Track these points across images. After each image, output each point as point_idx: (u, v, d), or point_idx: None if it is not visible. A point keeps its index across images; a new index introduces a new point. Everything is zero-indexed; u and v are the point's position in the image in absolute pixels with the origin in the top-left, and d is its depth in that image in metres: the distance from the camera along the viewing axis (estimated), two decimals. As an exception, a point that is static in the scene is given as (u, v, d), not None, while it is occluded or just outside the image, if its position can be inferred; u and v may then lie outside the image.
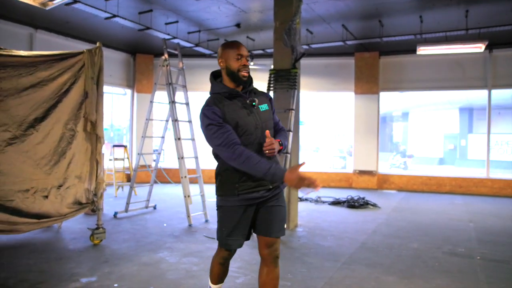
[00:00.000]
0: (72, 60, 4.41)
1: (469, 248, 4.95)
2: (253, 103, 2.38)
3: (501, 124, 19.94)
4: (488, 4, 7.16)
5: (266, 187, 2.37)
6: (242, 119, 2.32)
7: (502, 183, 9.92)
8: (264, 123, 2.40)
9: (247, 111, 2.35)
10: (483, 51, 8.58)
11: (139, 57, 11.35)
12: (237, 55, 2.33)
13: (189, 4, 7.37)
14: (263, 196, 2.38)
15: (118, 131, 16.66)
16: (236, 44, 2.38)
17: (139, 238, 5.18)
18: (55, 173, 4.22)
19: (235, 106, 2.34)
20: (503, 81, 10.01)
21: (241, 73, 2.34)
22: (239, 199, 2.36)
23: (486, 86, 10.17)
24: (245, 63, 2.34)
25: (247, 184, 2.34)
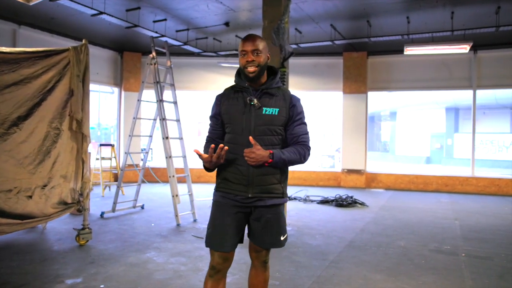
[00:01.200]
0: (57, 57, 4.31)
1: (454, 245, 5.04)
2: (252, 102, 2.19)
3: (486, 124, 20.31)
4: (472, 6, 7.29)
5: (245, 194, 2.20)
6: (234, 116, 2.23)
7: (486, 181, 10.11)
8: (258, 127, 2.18)
9: (244, 110, 2.20)
10: (468, 52, 8.76)
11: (127, 55, 11.23)
12: (242, 52, 2.20)
13: (177, 2, 7.31)
14: (242, 203, 2.21)
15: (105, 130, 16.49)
16: (244, 39, 2.23)
17: (126, 238, 5.12)
18: (39, 173, 4.12)
19: (236, 101, 2.24)
20: (488, 82, 10.21)
21: (246, 70, 2.18)
22: (220, 195, 2.28)
23: (471, 87, 10.35)
24: (249, 59, 2.16)
25: (225, 183, 2.26)
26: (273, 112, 2.20)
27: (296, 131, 2.27)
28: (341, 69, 11.01)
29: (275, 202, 2.25)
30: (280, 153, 2.17)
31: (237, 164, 2.20)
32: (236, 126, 2.21)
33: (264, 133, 2.19)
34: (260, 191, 2.20)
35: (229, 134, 2.26)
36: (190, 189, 6.46)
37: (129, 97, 11.16)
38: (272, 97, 2.23)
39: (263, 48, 2.19)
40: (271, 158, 2.14)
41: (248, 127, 2.18)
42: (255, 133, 2.16)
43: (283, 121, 2.23)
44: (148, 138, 6.96)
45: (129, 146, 6.71)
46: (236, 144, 2.20)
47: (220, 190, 2.28)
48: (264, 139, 2.18)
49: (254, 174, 2.18)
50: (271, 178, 2.21)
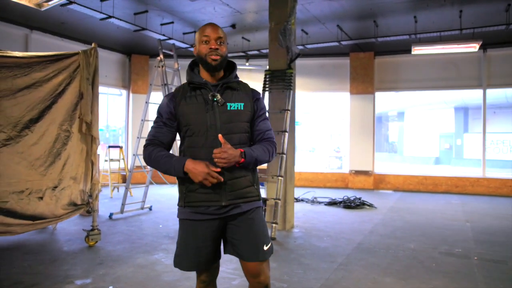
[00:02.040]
0: (67, 61, 4.39)
1: (466, 248, 4.94)
2: (215, 98, 1.96)
3: (496, 123, 20.06)
4: (481, 4, 7.20)
5: (218, 203, 1.94)
6: (194, 116, 1.96)
7: (498, 182, 9.94)
8: (225, 125, 1.95)
9: (206, 107, 1.96)
10: (477, 50, 8.65)
11: (135, 57, 11.31)
12: (203, 38, 1.97)
13: (184, 5, 7.35)
14: (216, 214, 1.96)
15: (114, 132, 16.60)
16: (205, 25, 2.01)
17: (135, 239, 5.15)
18: (50, 174, 4.21)
19: (194, 99, 1.98)
20: (498, 81, 10.05)
21: (209, 57, 1.95)
22: (187, 212, 2.00)
23: (481, 86, 10.20)
24: (213, 46, 1.94)
25: (194, 196, 1.96)
26: (238, 107, 1.99)
27: (261, 127, 2.09)
28: (348, 70, 10.97)
29: (252, 206, 2.03)
30: (250, 151, 1.96)
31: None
32: (199, 127, 1.95)
33: (231, 131, 1.96)
34: (234, 197, 1.96)
35: (190, 138, 1.98)
36: (198, 191, 6.46)
37: (137, 99, 11.24)
38: (234, 92, 2.03)
39: (225, 39, 2.01)
40: (243, 157, 1.91)
41: (213, 126, 1.94)
42: (222, 132, 1.92)
43: (249, 116, 2.04)
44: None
45: (137, 148, 6.75)
46: (200, 147, 1.95)
47: (188, 205, 1.99)
48: (233, 138, 1.95)
49: (226, 179, 1.92)
50: (244, 181, 1.99)
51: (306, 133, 19.15)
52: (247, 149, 1.95)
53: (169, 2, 7.25)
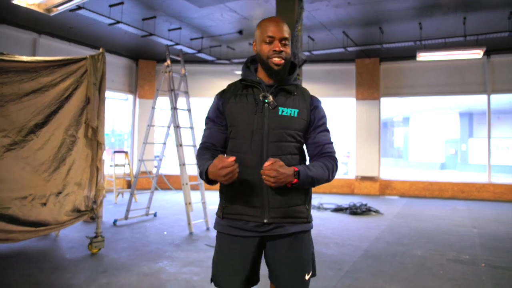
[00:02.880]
0: (75, 65, 4.39)
1: (473, 254, 4.90)
2: (266, 100, 1.74)
3: (501, 129, 19.98)
4: (484, 12, 7.22)
5: (259, 219, 1.73)
6: (240, 116, 1.76)
7: (504, 187, 9.91)
8: (274, 131, 1.73)
9: (256, 109, 1.75)
10: (482, 57, 8.65)
11: (142, 62, 11.36)
12: (267, 38, 1.74)
13: (192, 11, 7.38)
14: (256, 231, 1.75)
15: (119, 137, 16.65)
16: (268, 21, 1.77)
17: (139, 246, 5.12)
18: (54, 180, 4.17)
19: (244, 98, 1.78)
20: (502, 86, 10.07)
21: (271, 61, 1.74)
22: (224, 224, 1.81)
23: (485, 91, 10.21)
24: (277, 48, 1.72)
25: (233, 207, 1.77)
26: (291, 113, 1.76)
27: (319, 140, 1.83)
28: (354, 76, 10.97)
29: (299, 229, 1.77)
30: (306, 169, 1.68)
31: (247, 180, 1.72)
32: (245, 130, 1.75)
33: (280, 138, 1.73)
34: (279, 215, 1.73)
35: (233, 140, 1.80)
36: (203, 197, 6.46)
37: (143, 104, 11.27)
38: (289, 96, 1.79)
39: (289, 38, 1.78)
40: (296, 178, 1.65)
41: (260, 131, 1.73)
42: (269, 138, 1.72)
43: (303, 125, 1.79)
44: (162, 145, 7.00)
45: (143, 153, 6.75)
46: (244, 153, 1.74)
47: (226, 216, 1.80)
48: (281, 147, 1.73)
49: (271, 193, 1.71)
50: (293, 198, 1.75)
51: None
52: (302, 168, 1.69)
53: (177, 8, 7.28)
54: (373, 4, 7.02)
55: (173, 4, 7.02)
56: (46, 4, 5.12)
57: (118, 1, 6.91)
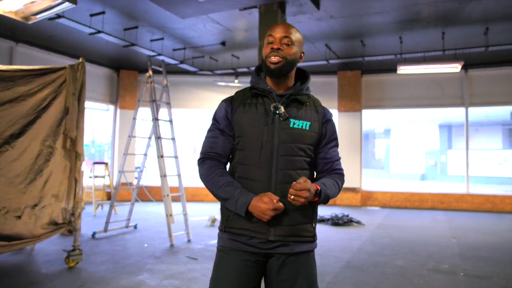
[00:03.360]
0: (53, 75, 4.30)
1: (452, 264, 4.99)
2: (277, 111, 1.65)
3: (478, 140, 20.48)
4: (462, 27, 7.47)
5: (264, 235, 1.63)
6: (250, 127, 1.66)
7: (481, 198, 10.15)
8: (284, 145, 1.64)
9: (266, 120, 1.64)
10: (460, 70, 8.91)
11: (123, 73, 11.26)
12: (269, 37, 1.67)
13: (175, 22, 7.38)
14: (259, 248, 1.64)
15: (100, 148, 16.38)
16: (275, 25, 1.71)
17: (118, 259, 5.00)
18: (30, 192, 4.04)
19: (254, 108, 1.68)
20: (479, 100, 10.37)
21: (268, 59, 1.65)
22: (226, 238, 1.70)
23: (463, 104, 10.48)
24: (275, 46, 1.64)
25: (238, 221, 1.66)
26: (303, 125, 1.67)
27: (331, 155, 1.77)
28: (336, 88, 11.11)
29: (304, 249, 1.68)
30: (325, 187, 1.64)
31: (254, 193, 1.62)
32: (254, 141, 1.65)
33: (291, 152, 1.64)
34: (286, 233, 1.64)
35: (241, 152, 1.68)
36: (185, 209, 6.38)
37: (124, 115, 11.13)
38: (301, 107, 1.71)
39: (296, 40, 1.68)
40: (317, 196, 1.60)
41: (269, 143, 1.63)
42: (279, 151, 1.63)
43: (314, 138, 1.70)
44: (143, 156, 6.91)
45: (123, 164, 6.65)
46: (253, 166, 1.65)
47: (229, 230, 1.68)
48: (292, 161, 1.65)
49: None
50: (302, 216, 1.66)
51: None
52: (322, 186, 1.64)
53: (160, 19, 7.26)
54: (355, 18, 7.16)
55: (156, 14, 7.00)
56: (24, 12, 5.01)
57: (99, 11, 6.86)
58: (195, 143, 20.11)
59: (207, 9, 6.02)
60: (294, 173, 1.64)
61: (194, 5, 5.70)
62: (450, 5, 6.48)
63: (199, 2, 5.55)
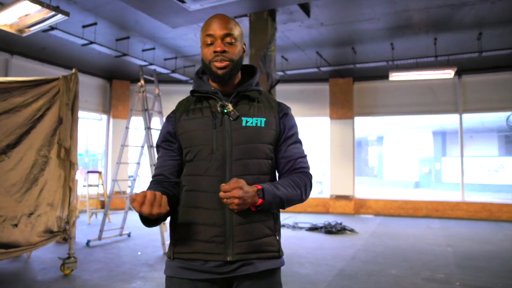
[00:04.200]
0: (47, 86, 4.37)
1: (448, 273, 4.90)
2: (225, 109, 1.45)
3: (473, 148, 20.56)
4: (455, 32, 7.50)
5: (220, 256, 1.38)
6: (196, 133, 1.45)
7: (477, 206, 10.00)
8: (238, 147, 1.42)
9: (214, 122, 1.44)
10: (453, 77, 8.86)
11: (116, 83, 11.29)
12: (207, 37, 1.44)
13: (166, 32, 7.44)
14: (217, 273, 1.39)
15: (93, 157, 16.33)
16: (209, 19, 1.48)
17: (112, 267, 5.01)
18: (26, 201, 4.09)
19: (199, 113, 1.47)
20: (473, 106, 10.28)
21: (213, 65, 1.44)
22: (175, 266, 1.43)
23: (457, 111, 10.42)
24: (218, 48, 1.42)
25: (187, 244, 1.41)
26: (257, 123, 1.45)
27: (291, 153, 1.53)
28: (328, 95, 11.18)
29: (270, 266, 1.45)
30: (272, 188, 1.39)
31: (206, 208, 1.39)
32: (203, 149, 1.42)
33: (246, 155, 1.42)
34: (246, 250, 1.39)
35: (191, 163, 1.45)
36: (179, 217, 6.38)
37: (117, 124, 11.15)
38: (253, 104, 1.50)
39: (238, 35, 1.48)
40: (260, 198, 1.35)
41: (221, 148, 1.41)
42: (232, 155, 1.41)
43: (273, 136, 1.48)
44: (136, 165, 6.93)
45: (116, 173, 6.66)
46: (201, 175, 1.42)
47: (178, 256, 1.43)
48: (248, 165, 1.42)
49: (235, 222, 1.38)
50: (261, 228, 1.42)
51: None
52: (267, 186, 1.38)
53: (151, 29, 7.34)
54: (345, 25, 7.24)
55: (147, 24, 7.07)
56: (19, 25, 5.08)
57: (91, 22, 6.92)
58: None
59: (198, 19, 6.09)
60: (250, 178, 1.39)
61: (185, 14, 5.77)
62: (441, 11, 6.52)
63: (189, 12, 5.62)
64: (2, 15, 4.94)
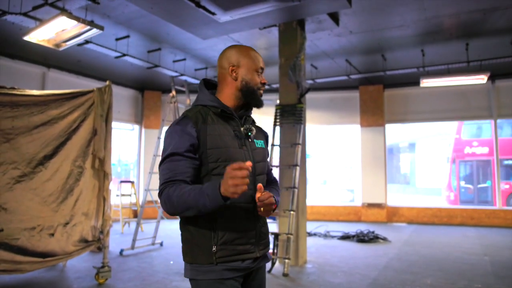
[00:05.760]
0: (82, 98, 4.52)
1: (486, 283, 4.77)
2: (249, 132, 1.67)
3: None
4: (487, 38, 7.34)
5: (253, 255, 1.63)
6: (231, 150, 1.58)
7: (514, 214, 9.71)
8: (257, 164, 1.68)
9: (238, 142, 1.63)
10: (486, 82, 8.67)
11: (147, 93, 11.57)
12: (260, 69, 1.70)
13: (196, 43, 7.59)
14: (247, 269, 1.64)
15: (126, 166, 16.74)
16: (255, 52, 1.72)
17: (145, 276, 5.08)
18: (62, 210, 4.22)
19: (224, 130, 1.61)
20: (508, 111, 10.08)
21: (259, 92, 1.71)
22: (219, 270, 1.56)
23: (491, 116, 10.22)
24: (265, 81, 1.72)
25: (230, 248, 1.57)
26: (262, 144, 1.75)
27: (269, 167, 1.86)
28: (358, 103, 11.05)
29: (268, 258, 1.80)
30: (276, 195, 1.69)
31: (243, 218, 1.61)
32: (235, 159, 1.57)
33: (262, 170, 1.72)
34: (264, 247, 1.71)
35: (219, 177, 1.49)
36: (209, 225, 6.41)
37: (149, 134, 11.39)
38: (254, 126, 1.75)
39: None
40: (275, 204, 1.63)
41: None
42: (256, 172, 1.67)
43: (266, 155, 1.79)
44: (168, 174, 7.02)
45: (149, 183, 6.79)
46: None
47: (222, 261, 1.56)
48: (263, 179, 1.74)
49: (260, 224, 1.68)
50: (267, 227, 1.77)
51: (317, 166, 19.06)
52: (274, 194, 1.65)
53: (182, 40, 7.49)
54: (375, 32, 7.17)
55: (178, 36, 7.23)
56: (56, 40, 5.32)
57: (124, 35, 7.15)
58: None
59: (228, 30, 6.17)
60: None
61: (215, 26, 5.86)
62: (473, 16, 6.40)
63: (219, 23, 5.70)
64: (40, 30, 5.19)
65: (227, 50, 1.72)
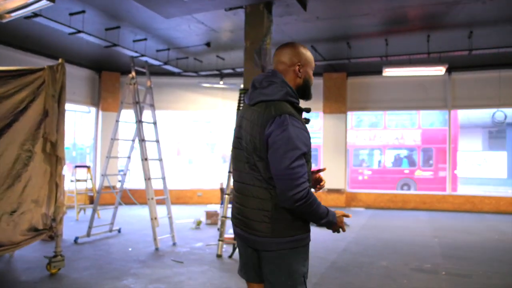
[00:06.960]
0: (31, 76, 4.17)
1: (434, 263, 5.10)
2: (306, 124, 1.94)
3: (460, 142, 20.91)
4: (447, 30, 7.55)
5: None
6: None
7: (462, 199, 10.42)
8: None
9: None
10: (444, 73, 9.01)
11: (105, 74, 11.05)
12: (313, 67, 2.00)
13: (158, 22, 7.26)
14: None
15: (81, 151, 16.10)
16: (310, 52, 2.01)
17: (102, 264, 4.89)
18: (8, 198, 3.89)
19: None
20: (462, 102, 10.60)
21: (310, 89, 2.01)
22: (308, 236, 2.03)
23: (446, 107, 10.68)
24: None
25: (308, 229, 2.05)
26: None
27: None
28: (321, 90, 11.14)
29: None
30: None
31: None
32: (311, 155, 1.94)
33: None
34: None
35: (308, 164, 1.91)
36: (170, 212, 6.29)
37: (106, 117, 10.92)
38: None
39: None
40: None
41: None
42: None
43: None
44: (126, 159, 6.79)
45: (106, 167, 6.51)
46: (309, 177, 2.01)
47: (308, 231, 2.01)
48: None
49: None
50: None
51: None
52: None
53: (143, 19, 7.14)
54: (341, 20, 7.18)
55: (139, 14, 6.88)
56: (-2, 10, 4.84)
57: (79, 10, 6.69)
58: (179, 145, 19.93)
59: (192, 9, 5.94)
60: None
61: (179, 4, 5.61)
62: (436, 8, 6.53)
63: (184, 2, 5.46)
64: (-19, 0, 4.72)
65: (293, 47, 1.90)
